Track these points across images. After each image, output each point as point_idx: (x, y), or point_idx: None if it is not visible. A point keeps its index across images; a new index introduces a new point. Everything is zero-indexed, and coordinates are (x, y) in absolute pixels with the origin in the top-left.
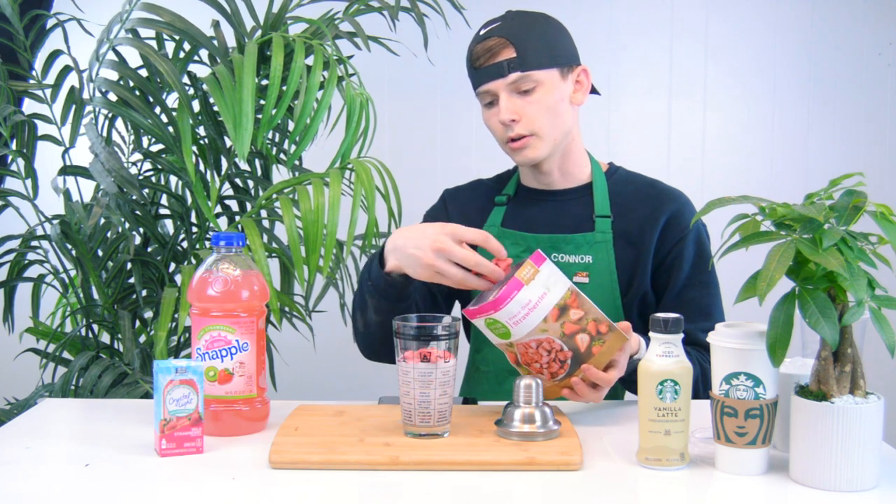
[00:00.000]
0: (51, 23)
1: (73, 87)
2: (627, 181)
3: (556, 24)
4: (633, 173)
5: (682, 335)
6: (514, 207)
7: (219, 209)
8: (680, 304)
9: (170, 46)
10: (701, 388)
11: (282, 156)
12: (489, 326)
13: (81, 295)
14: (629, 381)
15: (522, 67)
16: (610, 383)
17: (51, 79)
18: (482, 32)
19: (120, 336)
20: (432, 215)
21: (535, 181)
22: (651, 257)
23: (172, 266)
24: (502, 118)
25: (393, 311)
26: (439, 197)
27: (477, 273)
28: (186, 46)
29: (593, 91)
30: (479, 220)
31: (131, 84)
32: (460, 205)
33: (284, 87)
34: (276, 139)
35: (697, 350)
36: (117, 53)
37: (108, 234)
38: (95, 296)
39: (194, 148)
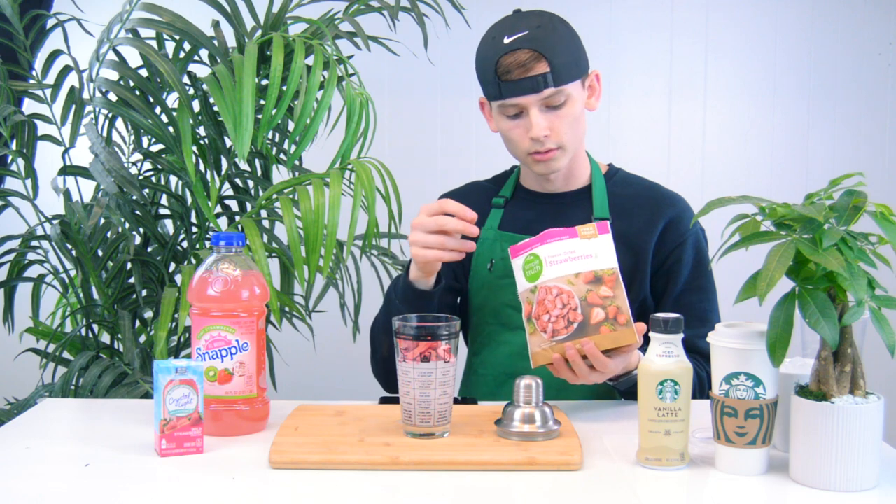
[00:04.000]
0: (51, 23)
1: (73, 87)
2: (627, 183)
3: (572, 28)
4: (633, 175)
5: (682, 335)
6: (512, 209)
7: (219, 209)
8: (677, 310)
9: (170, 46)
10: (697, 396)
11: (282, 156)
12: (525, 265)
13: (81, 295)
14: (627, 393)
15: (556, 83)
16: (604, 367)
17: (51, 79)
18: (507, 41)
19: (120, 336)
20: None
21: (536, 184)
22: (649, 262)
23: (172, 266)
24: (536, 134)
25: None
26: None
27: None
28: (186, 46)
29: None
30: (477, 223)
31: (131, 84)
32: None
33: (284, 88)
34: (276, 139)
35: (694, 357)
36: (117, 53)
37: (108, 234)
38: (95, 296)
39: (194, 148)
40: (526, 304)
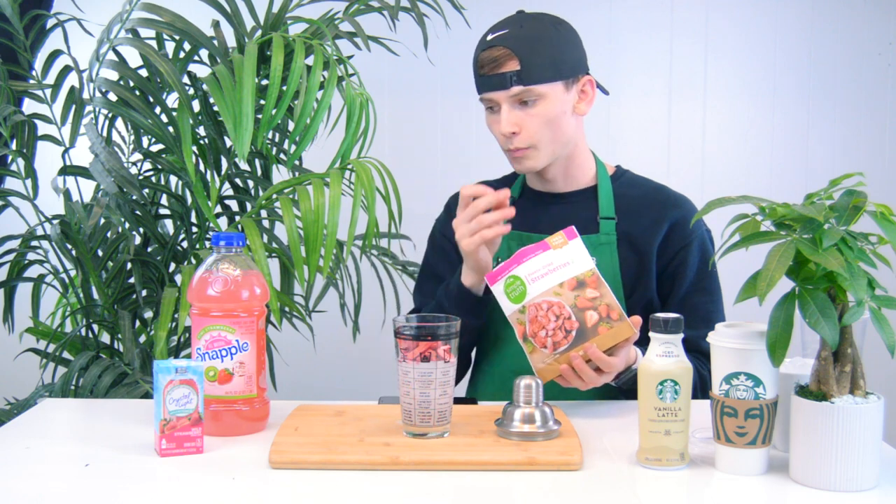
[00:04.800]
0: (51, 23)
1: (73, 87)
2: (633, 185)
3: (565, 32)
4: (639, 177)
5: (681, 335)
6: (520, 209)
7: (219, 209)
8: (683, 311)
9: (170, 46)
10: (700, 396)
11: (282, 156)
12: (507, 288)
13: (81, 295)
14: (629, 392)
15: (525, 81)
16: (610, 367)
17: (51, 79)
18: (489, 38)
19: (120, 336)
20: (439, 226)
21: (539, 184)
22: (654, 263)
23: (172, 266)
24: (503, 130)
25: (468, 328)
26: (444, 205)
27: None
28: (186, 46)
29: (601, 89)
30: None
31: (131, 84)
32: None
33: (284, 87)
34: (276, 139)
35: (698, 358)
36: (117, 53)
37: (108, 234)
38: (95, 296)
39: (194, 148)
40: (518, 326)
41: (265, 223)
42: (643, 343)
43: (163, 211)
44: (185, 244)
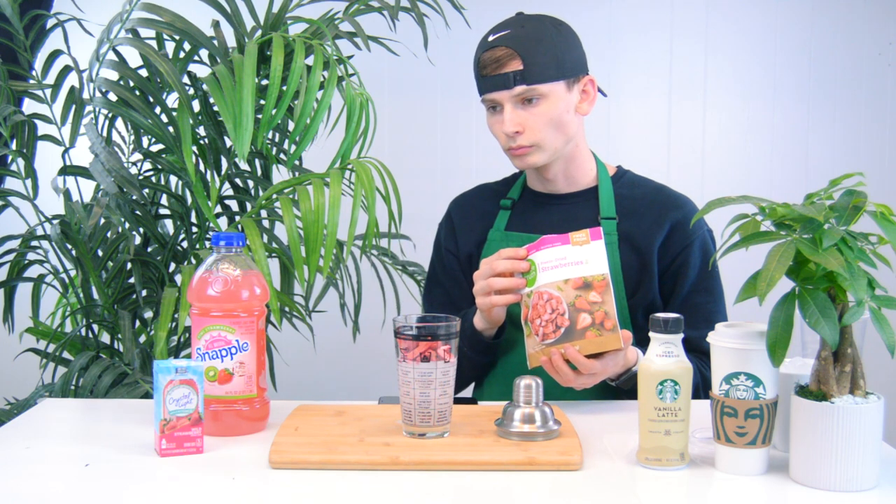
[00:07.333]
0: (51, 23)
1: (73, 87)
2: (634, 185)
3: (566, 32)
4: (640, 177)
5: (682, 335)
6: (520, 211)
7: (219, 209)
8: (685, 311)
9: (170, 46)
10: (702, 395)
11: (282, 156)
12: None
13: (81, 295)
14: (632, 392)
15: (528, 80)
16: (587, 370)
17: (51, 79)
18: (491, 39)
19: (120, 336)
20: (442, 233)
21: (540, 185)
22: (655, 264)
23: (172, 266)
24: (506, 130)
25: (478, 365)
26: (446, 210)
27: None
28: (186, 46)
29: (600, 91)
30: (484, 225)
31: (131, 84)
32: (464, 213)
33: (284, 87)
34: (276, 139)
35: (699, 357)
36: (117, 53)
37: (108, 234)
38: (95, 296)
39: (194, 148)
40: (524, 307)
41: (265, 223)
42: (643, 343)
43: (163, 211)
44: (185, 244)
